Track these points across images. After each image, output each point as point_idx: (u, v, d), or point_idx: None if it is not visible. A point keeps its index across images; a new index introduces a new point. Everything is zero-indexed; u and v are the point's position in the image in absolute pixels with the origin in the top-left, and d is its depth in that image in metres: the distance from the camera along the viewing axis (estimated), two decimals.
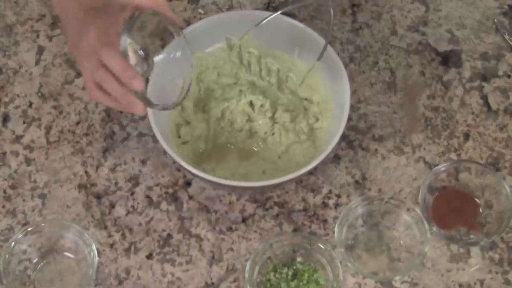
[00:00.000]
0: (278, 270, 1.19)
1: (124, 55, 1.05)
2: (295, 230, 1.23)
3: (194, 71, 1.22)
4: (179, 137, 1.25)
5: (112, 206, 1.24)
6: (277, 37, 1.26)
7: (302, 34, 1.24)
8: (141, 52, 1.07)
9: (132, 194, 1.25)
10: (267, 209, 1.24)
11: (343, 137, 1.28)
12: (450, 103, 1.32)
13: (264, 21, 1.21)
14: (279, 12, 1.21)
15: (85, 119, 1.30)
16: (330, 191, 1.26)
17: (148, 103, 1.09)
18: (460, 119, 1.31)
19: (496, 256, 1.22)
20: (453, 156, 1.28)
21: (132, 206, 1.24)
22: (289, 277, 1.19)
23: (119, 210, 1.24)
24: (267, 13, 1.24)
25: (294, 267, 1.19)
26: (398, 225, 1.22)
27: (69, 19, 1.13)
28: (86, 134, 1.29)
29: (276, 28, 1.25)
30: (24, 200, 1.25)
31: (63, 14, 1.16)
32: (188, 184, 1.26)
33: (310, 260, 1.19)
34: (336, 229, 1.18)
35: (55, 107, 1.31)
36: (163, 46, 1.11)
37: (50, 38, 1.36)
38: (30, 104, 1.31)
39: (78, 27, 1.10)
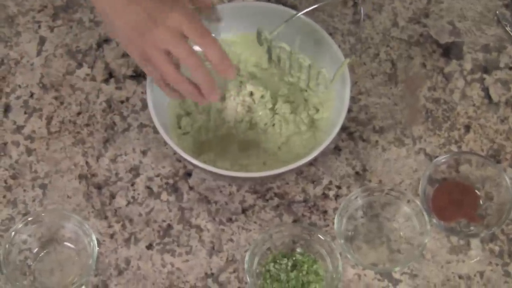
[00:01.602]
0: (278, 261, 1.19)
1: None
2: (295, 221, 1.23)
3: None
4: (180, 128, 1.25)
5: (113, 196, 1.25)
6: (278, 29, 1.26)
7: (303, 25, 1.24)
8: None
9: (132, 184, 1.25)
10: (267, 200, 1.24)
11: (344, 128, 1.29)
12: (451, 95, 1.32)
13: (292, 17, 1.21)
14: (308, 10, 1.22)
15: (86, 110, 1.30)
16: (330, 182, 1.26)
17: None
18: (461, 111, 1.31)
19: (496, 248, 1.22)
20: (454, 148, 1.28)
21: (133, 197, 1.25)
22: (289, 268, 1.19)
23: (120, 201, 1.24)
24: (270, 4, 1.25)
25: (294, 258, 1.19)
26: (398, 217, 1.22)
27: (125, 3, 1.07)
28: (87, 125, 1.29)
29: (276, 19, 1.25)
30: (24, 190, 1.25)
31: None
32: (188, 175, 1.26)
33: (310, 251, 1.19)
34: (336, 220, 1.18)
35: (56, 98, 1.31)
36: None
37: (51, 29, 1.37)
38: (31, 95, 1.32)
39: (147, 13, 1.06)
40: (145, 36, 1.06)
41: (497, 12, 1.38)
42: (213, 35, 1.12)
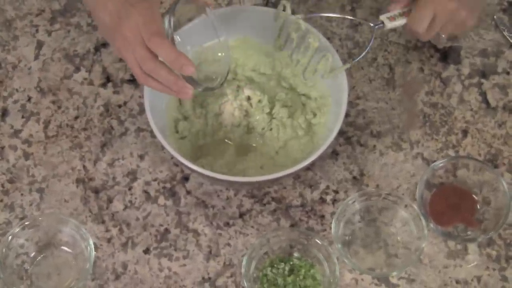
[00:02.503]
0: (275, 265, 1.19)
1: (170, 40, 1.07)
2: (292, 225, 1.23)
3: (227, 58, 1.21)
4: (177, 132, 1.25)
5: (110, 200, 1.25)
6: (275, 33, 1.26)
7: (300, 29, 1.24)
8: (178, 38, 1.08)
9: (129, 189, 1.25)
10: (264, 205, 1.24)
11: (341, 133, 1.29)
12: (449, 99, 1.32)
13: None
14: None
15: (84, 114, 1.30)
16: (327, 187, 1.26)
17: (195, 84, 1.10)
18: (458, 116, 1.31)
19: (494, 253, 1.22)
20: (451, 152, 1.28)
21: (130, 201, 1.25)
22: (286, 272, 1.19)
23: (117, 205, 1.24)
24: (267, 9, 1.25)
25: (291, 263, 1.19)
26: (395, 221, 1.22)
27: (104, 1, 1.10)
28: (85, 129, 1.29)
29: (272, 22, 1.25)
30: (22, 194, 1.25)
31: None
32: (185, 179, 1.26)
33: (307, 256, 1.19)
34: (333, 225, 1.18)
35: (53, 102, 1.31)
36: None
37: (49, 33, 1.37)
38: (29, 99, 1.32)
39: (116, 12, 1.09)
40: (116, 35, 1.09)
41: (495, 17, 1.38)
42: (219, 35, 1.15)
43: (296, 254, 1.20)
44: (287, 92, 1.28)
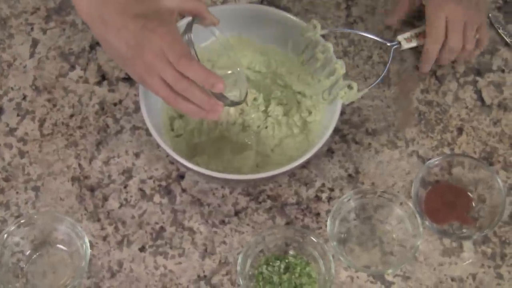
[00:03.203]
0: (271, 263, 1.19)
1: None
2: (287, 223, 1.23)
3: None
4: (173, 130, 1.25)
5: (105, 199, 1.25)
6: (271, 31, 1.27)
7: (296, 28, 1.24)
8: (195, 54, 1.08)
9: (125, 187, 1.25)
10: (260, 203, 1.24)
11: (337, 131, 1.29)
12: (444, 97, 1.33)
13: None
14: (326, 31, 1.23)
15: (79, 112, 1.30)
16: (323, 185, 1.26)
17: (224, 99, 1.09)
18: (453, 114, 1.31)
19: (489, 250, 1.22)
20: (447, 150, 1.28)
21: (125, 199, 1.25)
22: (281, 270, 1.19)
23: (112, 203, 1.24)
24: (262, 7, 1.25)
25: (287, 260, 1.19)
26: (390, 219, 1.22)
27: (116, 26, 1.06)
28: (80, 127, 1.29)
29: (270, 22, 1.25)
30: (17, 192, 1.25)
31: (98, 21, 1.08)
32: (181, 177, 1.26)
33: (303, 254, 1.19)
34: (328, 223, 1.18)
35: (49, 100, 1.31)
36: None
37: (44, 31, 1.37)
38: (24, 97, 1.31)
39: (134, 39, 1.05)
40: (137, 62, 1.06)
41: (490, 14, 1.39)
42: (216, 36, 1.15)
43: (291, 252, 1.20)
44: (282, 90, 1.28)
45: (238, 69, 1.18)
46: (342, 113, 1.30)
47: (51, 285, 1.19)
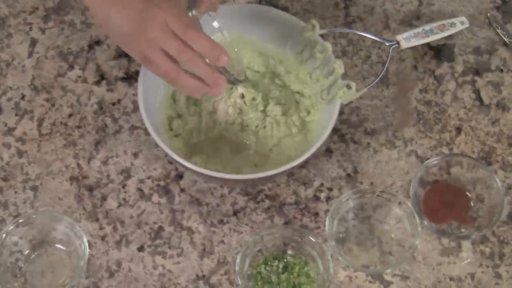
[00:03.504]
0: (269, 263, 1.19)
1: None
2: (286, 223, 1.23)
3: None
4: (171, 130, 1.25)
5: (104, 198, 1.24)
6: (270, 30, 1.27)
7: (295, 27, 1.24)
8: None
9: (123, 186, 1.25)
10: (258, 202, 1.24)
11: (335, 130, 1.29)
12: (443, 97, 1.33)
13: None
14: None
15: (78, 112, 1.30)
16: (321, 184, 1.26)
17: (228, 76, 1.09)
18: (452, 113, 1.31)
19: (487, 250, 1.22)
20: (445, 150, 1.28)
21: (124, 199, 1.25)
22: (280, 269, 1.19)
23: (111, 203, 1.24)
24: (261, 6, 1.25)
25: (285, 260, 1.19)
26: (389, 219, 1.22)
27: (120, 5, 1.06)
28: (78, 127, 1.29)
29: (268, 21, 1.25)
30: (16, 192, 1.25)
31: (102, 2, 1.08)
32: (179, 177, 1.26)
33: (301, 253, 1.19)
34: (327, 222, 1.18)
35: (47, 100, 1.31)
36: None
37: (43, 31, 1.36)
38: (23, 97, 1.31)
39: (138, 15, 1.05)
40: (140, 39, 1.06)
41: (488, 14, 1.39)
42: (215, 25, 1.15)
43: (290, 252, 1.20)
44: (281, 90, 1.28)
45: (236, 49, 1.18)
46: (341, 112, 1.30)
47: (50, 285, 1.19)
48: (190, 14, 1.08)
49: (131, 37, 1.07)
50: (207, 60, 1.06)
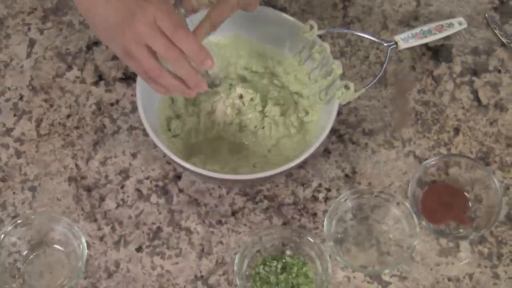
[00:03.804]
0: (268, 263, 1.19)
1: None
2: (284, 223, 1.23)
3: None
4: (170, 130, 1.25)
5: (102, 199, 1.25)
6: (268, 31, 1.27)
7: (293, 28, 1.24)
8: None
9: (122, 187, 1.25)
10: (257, 203, 1.25)
11: (334, 131, 1.29)
12: (441, 97, 1.33)
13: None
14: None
15: (76, 112, 1.30)
16: (320, 185, 1.26)
17: (207, 78, 1.09)
18: (450, 114, 1.31)
19: (485, 250, 1.22)
20: (443, 150, 1.29)
21: (122, 199, 1.25)
22: (278, 270, 1.19)
23: (109, 203, 1.24)
24: (259, 7, 1.25)
25: (284, 261, 1.19)
26: (387, 219, 1.23)
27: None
28: (77, 127, 1.29)
29: (266, 22, 1.25)
30: (14, 192, 1.25)
31: None
32: (178, 177, 1.26)
33: (300, 254, 1.20)
34: (325, 223, 1.18)
35: (45, 100, 1.31)
36: None
37: (41, 31, 1.36)
38: (21, 97, 1.31)
39: (126, 8, 1.04)
40: (125, 32, 1.04)
41: (486, 15, 1.39)
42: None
43: (288, 252, 1.20)
44: (279, 90, 1.28)
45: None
46: (339, 113, 1.30)
47: (48, 286, 1.19)
48: (177, 11, 1.08)
49: (116, 29, 1.05)
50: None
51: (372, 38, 1.26)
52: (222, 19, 1.14)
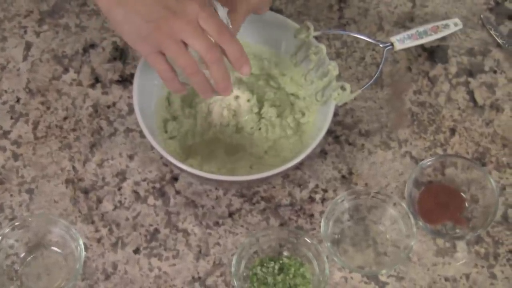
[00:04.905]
0: (265, 264, 1.19)
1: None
2: (281, 224, 1.24)
3: None
4: (166, 132, 1.25)
5: (99, 201, 1.25)
6: (264, 33, 1.27)
7: (289, 29, 1.24)
8: None
9: (119, 189, 1.25)
10: (254, 204, 1.25)
11: (330, 132, 1.29)
12: (437, 98, 1.33)
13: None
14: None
15: (73, 115, 1.30)
16: (316, 186, 1.26)
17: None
18: (446, 114, 1.32)
19: (482, 250, 1.22)
20: (439, 151, 1.29)
21: (119, 201, 1.25)
22: (276, 271, 1.19)
23: (106, 205, 1.24)
24: None
25: (281, 261, 1.20)
26: (384, 220, 1.23)
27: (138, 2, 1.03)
28: (74, 130, 1.29)
29: (262, 24, 1.25)
30: (11, 195, 1.25)
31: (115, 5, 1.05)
32: (175, 179, 1.26)
33: (297, 255, 1.20)
34: (322, 224, 1.19)
35: (42, 103, 1.31)
36: None
37: (37, 34, 1.37)
38: (18, 100, 1.31)
39: (165, 6, 1.03)
40: (161, 28, 1.03)
41: (482, 16, 1.39)
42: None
43: (285, 253, 1.20)
44: (275, 92, 1.28)
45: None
46: (335, 114, 1.30)
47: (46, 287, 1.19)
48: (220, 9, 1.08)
49: (149, 26, 1.04)
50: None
51: (368, 39, 1.27)
52: (238, 26, 1.14)
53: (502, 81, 1.34)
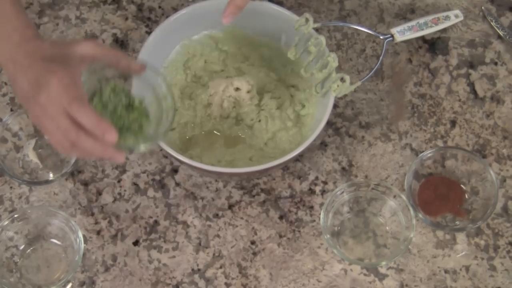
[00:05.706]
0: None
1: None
2: (281, 216, 1.24)
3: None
4: None
5: (99, 193, 1.25)
6: (264, 25, 1.27)
7: (289, 21, 1.24)
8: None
9: (119, 181, 1.26)
10: (253, 196, 1.25)
11: (330, 124, 1.29)
12: (437, 90, 1.33)
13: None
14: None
15: None
16: (316, 178, 1.26)
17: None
18: (447, 106, 1.31)
19: (482, 242, 1.22)
20: (440, 143, 1.29)
21: (119, 193, 1.25)
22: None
23: (106, 197, 1.24)
24: (255, 1, 1.25)
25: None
26: (384, 212, 1.23)
27: (24, 66, 1.03)
28: None
29: (263, 16, 1.25)
30: (11, 187, 1.25)
31: (9, 62, 1.06)
32: (175, 171, 1.26)
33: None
34: (322, 216, 1.18)
35: None
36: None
37: (38, 26, 1.36)
38: None
39: (35, 80, 1.02)
40: (34, 104, 1.02)
41: (483, 7, 1.39)
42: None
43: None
44: (275, 84, 1.28)
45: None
46: (335, 106, 1.30)
47: (45, 280, 1.19)
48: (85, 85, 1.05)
49: (29, 100, 1.03)
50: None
51: (368, 31, 1.26)
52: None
53: (503, 73, 1.34)
